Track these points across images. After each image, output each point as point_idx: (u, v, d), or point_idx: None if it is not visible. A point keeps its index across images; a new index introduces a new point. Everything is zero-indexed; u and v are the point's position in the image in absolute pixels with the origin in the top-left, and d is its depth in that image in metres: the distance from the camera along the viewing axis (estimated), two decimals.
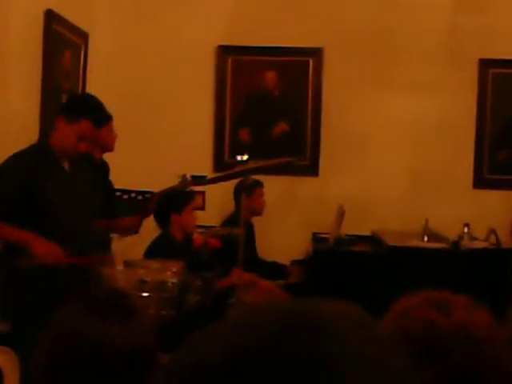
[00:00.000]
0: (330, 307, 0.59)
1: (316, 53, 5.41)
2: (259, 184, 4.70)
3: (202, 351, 0.56)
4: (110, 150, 4.07)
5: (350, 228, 5.08)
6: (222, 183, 4.39)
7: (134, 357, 1.42)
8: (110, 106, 3.63)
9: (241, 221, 3.08)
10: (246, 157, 3.02)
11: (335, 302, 0.60)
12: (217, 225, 4.90)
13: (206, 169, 5.21)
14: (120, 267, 3.20)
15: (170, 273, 3.07)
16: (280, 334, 0.55)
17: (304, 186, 5.53)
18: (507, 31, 5.36)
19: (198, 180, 3.58)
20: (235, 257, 3.13)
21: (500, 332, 1.07)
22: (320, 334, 0.55)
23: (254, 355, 0.54)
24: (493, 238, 4.64)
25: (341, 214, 4.70)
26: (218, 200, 5.29)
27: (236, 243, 3.08)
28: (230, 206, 4.98)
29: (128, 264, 3.17)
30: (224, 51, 5.45)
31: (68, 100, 4.02)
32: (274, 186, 5.35)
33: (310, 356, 0.54)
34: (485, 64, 5.38)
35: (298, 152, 5.41)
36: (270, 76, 5.45)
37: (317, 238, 5.06)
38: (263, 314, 0.60)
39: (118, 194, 4.12)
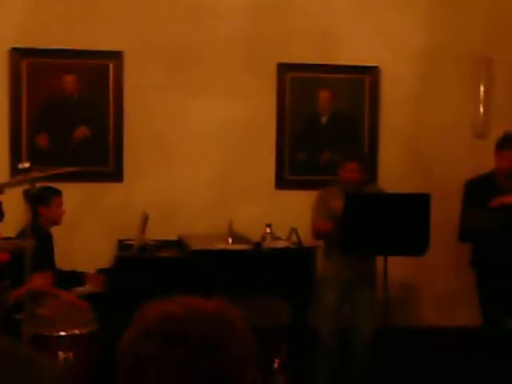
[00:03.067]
0: None
1: (116, 56, 5.30)
2: (57, 193, 4.53)
3: None
4: None
5: (157, 233, 5.04)
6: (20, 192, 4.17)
7: None
8: None
9: (27, 231, 2.94)
10: (27, 164, 2.88)
11: None
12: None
13: (2, 176, 4.96)
14: None
15: None
16: None
17: (108, 192, 5.40)
18: (303, 36, 5.55)
19: None
20: (25, 269, 2.98)
21: (231, 312, 1.16)
22: None
23: None
24: (294, 237, 4.78)
25: (144, 220, 4.64)
26: (16, 210, 5.02)
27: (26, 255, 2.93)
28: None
29: None
30: (18, 54, 5.19)
31: None
32: (76, 194, 5.19)
33: None
34: (283, 68, 5.53)
35: (101, 157, 5.30)
36: (69, 79, 5.27)
37: (122, 245, 4.96)
38: None
39: None
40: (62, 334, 3.69)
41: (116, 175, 5.37)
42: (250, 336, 1.16)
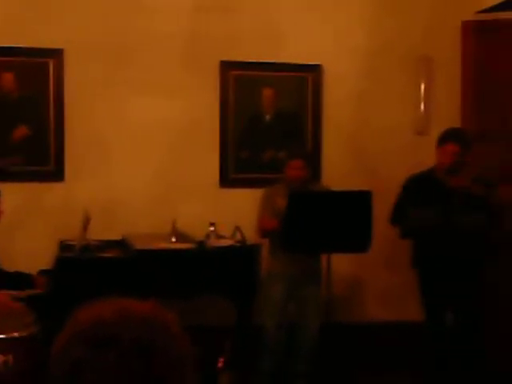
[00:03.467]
0: None
1: (56, 54, 5.21)
2: None
3: None
4: None
5: (100, 233, 4.97)
6: None
7: None
8: None
9: None
10: None
11: None
12: None
13: None
14: None
15: None
16: None
17: (49, 192, 5.30)
18: (246, 34, 5.55)
19: None
20: None
21: (164, 314, 1.16)
22: None
23: None
24: (238, 236, 4.78)
25: (86, 220, 4.58)
26: None
27: None
28: None
29: None
30: None
31: None
32: (17, 193, 5.09)
33: None
34: (226, 66, 5.51)
35: (42, 156, 5.21)
36: (8, 77, 5.16)
37: (64, 246, 4.88)
38: None
39: None
40: (1, 336, 3.61)
41: (57, 174, 5.29)
42: (185, 338, 1.15)
